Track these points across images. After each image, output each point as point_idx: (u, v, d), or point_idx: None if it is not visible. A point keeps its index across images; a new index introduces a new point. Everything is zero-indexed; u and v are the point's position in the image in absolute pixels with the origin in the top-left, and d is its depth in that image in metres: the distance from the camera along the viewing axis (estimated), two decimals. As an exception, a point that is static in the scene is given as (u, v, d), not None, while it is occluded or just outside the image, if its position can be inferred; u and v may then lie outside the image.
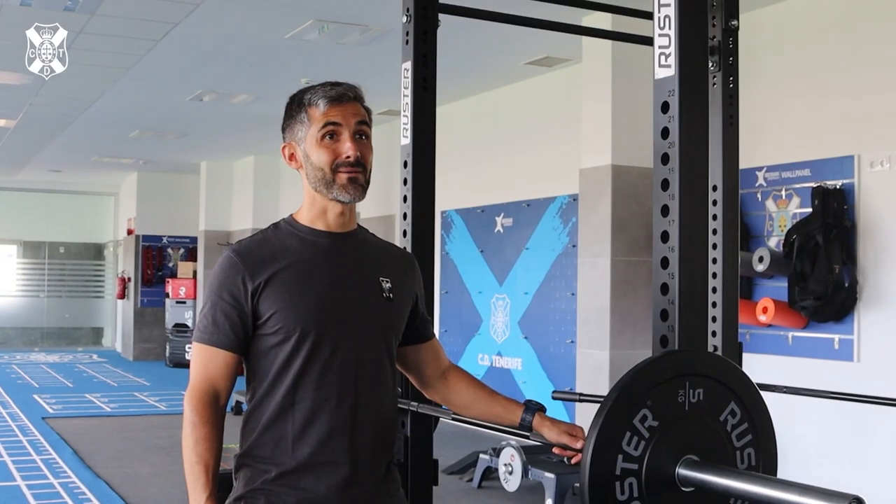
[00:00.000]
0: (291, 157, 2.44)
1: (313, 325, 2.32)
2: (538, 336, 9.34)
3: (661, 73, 1.98)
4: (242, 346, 2.34)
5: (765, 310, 6.40)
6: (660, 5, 1.99)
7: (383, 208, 11.91)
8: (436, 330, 3.09)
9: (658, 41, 1.99)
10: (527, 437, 2.46)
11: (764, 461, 1.99)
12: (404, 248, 2.61)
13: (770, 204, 6.74)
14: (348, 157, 2.34)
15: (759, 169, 6.78)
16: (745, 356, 3.76)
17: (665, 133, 1.95)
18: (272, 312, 2.30)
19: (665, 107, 1.96)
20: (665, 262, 1.96)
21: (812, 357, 6.41)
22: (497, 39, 8.14)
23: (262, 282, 2.31)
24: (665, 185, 1.95)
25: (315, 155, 2.35)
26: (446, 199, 10.25)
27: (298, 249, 2.38)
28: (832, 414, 6.15)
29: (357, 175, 2.35)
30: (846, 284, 6.13)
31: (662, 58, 1.98)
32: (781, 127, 6.75)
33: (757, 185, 6.80)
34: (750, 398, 1.96)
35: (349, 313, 2.37)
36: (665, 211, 1.95)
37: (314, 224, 2.42)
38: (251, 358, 2.37)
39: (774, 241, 6.66)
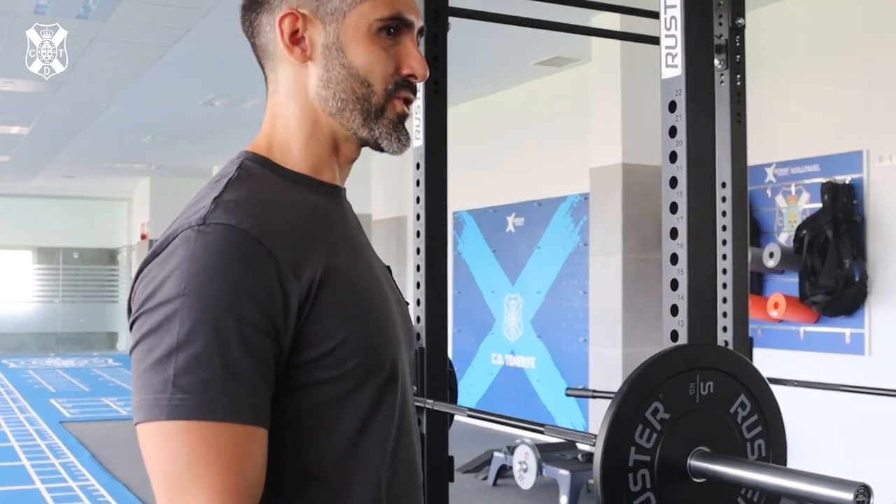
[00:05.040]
0: (295, 36, 1.39)
1: (397, 355, 1.37)
2: (551, 335, 9.37)
3: (668, 73, 2.02)
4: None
5: (776, 305, 6.43)
6: (666, 7, 2.03)
7: (396, 210, 11.96)
8: (449, 330, 3.13)
9: (665, 42, 2.03)
10: (541, 434, 2.50)
11: (774, 452, 2.03)
12: None
13: (780, 200, 6.76)
14: (413, 75, 1.39)
15: (769, 165, 6.81)
16: (757, 351, 3.79)
17: (673, 132, 2.00)
18: (341, 339, 1.27)
19: (672, 106, 2.00)
20: (674, 259, 2.00)
21: (824, 351, 6.43)
22: (507, 40, 8.18)
23: (315, 281, 1.26)
24: (673, 182, 1.99)
25: (362, 54, 1.36)
26: (458, 199, 10.27)
27: (327, 215, 1.39)
28: (844, 407, 6.18)
29: (409, 111, 1.42)
30: (856, 279, 6.16)
31: (669, 58, 2.02)
32: (790, 123, 6.77)
33: (766, 181, 6.83)
34: (759, 390, 2.00)
35: (398, 329, 1.42)
36: (674, 208, 1.99)
37: (318, 172, 1.42)
38: (278, 431, 1.26)
39: (785, 237, 6.69)
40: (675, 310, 2.01)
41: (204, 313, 1.17)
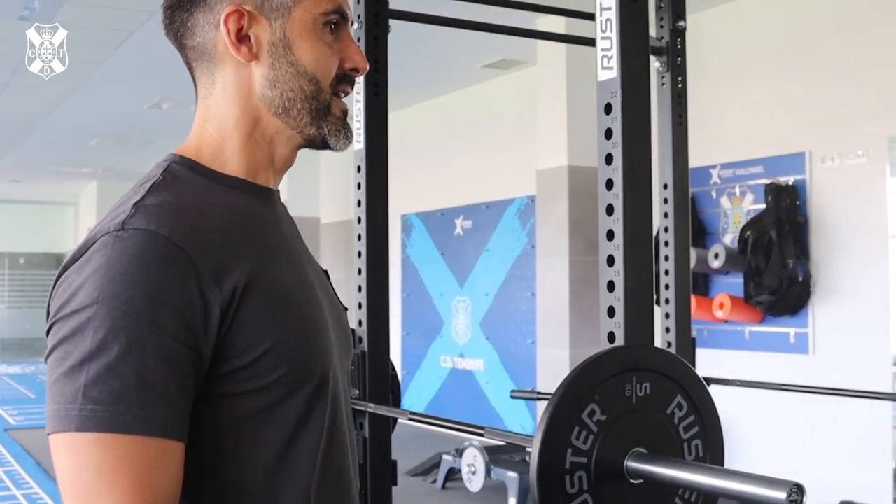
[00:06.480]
0: (240, 34, 1.34)
1: (328, 363, 1.32)
2: (499, 337, 9.38)
3: (603, 76, 2.03)
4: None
5: (721, 305, 6.48)
6: (601, 9, 2.03)
7: (344, 213, 11.92)
8: (398, 333, 3.12)
9: (600, 44, 2.03)
10: (482, 436, 2.50)
11: (711, 452, 2.04)
12: None
13: (725, 201, 6.82)
14: (356, 69, 1.38)
15: (713, 167, 6.86)
16: (704, 351, 3.82)
17: (609, 134, 2.00)
18: (267, 348, 1.22)
19: (608, 108, 2.01)
20: (611, 260, 2.00)
21: (769, 351, 6.49)
22: (453, 43, 8.18)
23: (239, 288, 1.21)
24: (609, 184, 2.00)
25: (309, 50, 1.34)
26: (406, 202, 10.27)
27: (259, 219, 1.35)
28: (789, 406, 6.23)
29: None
30: (800, 279, 6.22)
31: (605, 60, 2.03)
32: (734, 125, 6.84)
33: (711, 182, 6.88)
34: (696, 391, 2.00)
35: (330, 336, 1.37)
36: (610, 210, 2.00)
37: (253, 175, 1.37)
38: (198, 444, 1.21)
39: (730, 238, 6.74)
40: (611, 311, 2.02)
41: (118, 321, 1.12)
